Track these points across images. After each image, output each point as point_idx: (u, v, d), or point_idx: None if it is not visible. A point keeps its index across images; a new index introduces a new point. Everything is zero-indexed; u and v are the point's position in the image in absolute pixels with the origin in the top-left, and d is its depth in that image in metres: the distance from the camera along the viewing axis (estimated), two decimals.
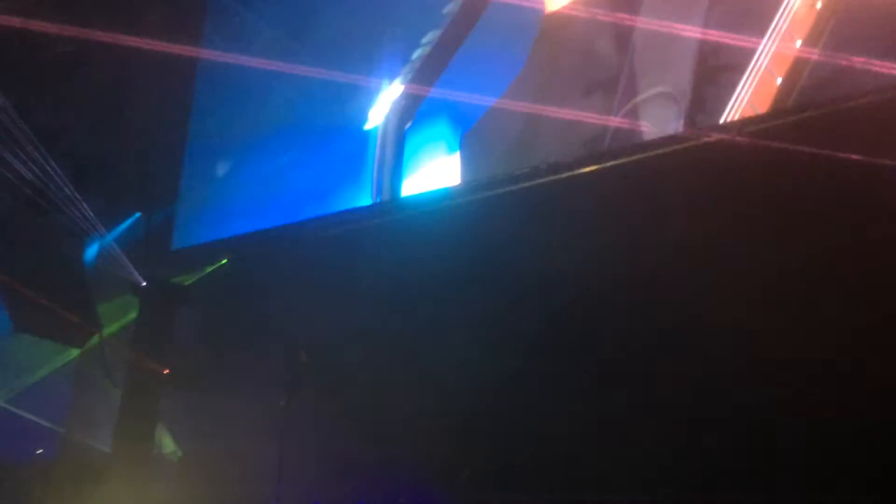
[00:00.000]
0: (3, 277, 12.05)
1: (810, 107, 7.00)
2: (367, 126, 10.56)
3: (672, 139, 7.76)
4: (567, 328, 8.27)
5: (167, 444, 11.64)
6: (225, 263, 12.04)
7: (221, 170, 12.24)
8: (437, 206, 9.75)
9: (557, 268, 8.32)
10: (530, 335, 8.46)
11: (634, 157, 7.98)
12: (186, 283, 12.24)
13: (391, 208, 10.21)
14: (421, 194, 10.03)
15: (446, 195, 9.70)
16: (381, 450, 8.77)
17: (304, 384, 7.84)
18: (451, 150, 9.85)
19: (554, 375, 8.21)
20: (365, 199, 10.45)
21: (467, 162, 9.61)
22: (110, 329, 12.43)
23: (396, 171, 10.23)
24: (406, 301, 9.45)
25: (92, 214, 11.54)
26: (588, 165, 8.46)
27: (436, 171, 9.93)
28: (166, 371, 11.45)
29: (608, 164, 8.11)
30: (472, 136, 9.65)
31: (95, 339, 11.94)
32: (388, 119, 10.30)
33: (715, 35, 7.63)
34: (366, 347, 9.45)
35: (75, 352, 13.17)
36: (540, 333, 8.40)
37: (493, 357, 8.59)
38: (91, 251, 12.39)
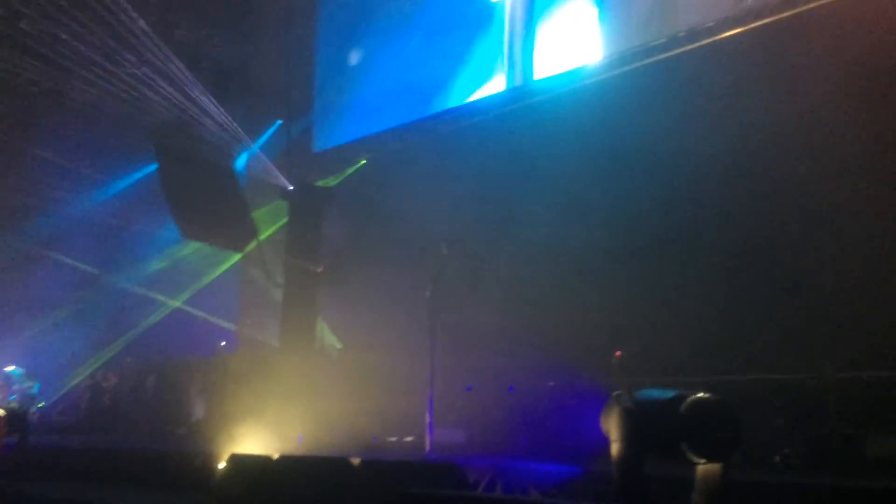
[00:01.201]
0: (170, 192, 12.99)
1: None
2: None
3: None
4: (709, 203, 7.90)
5: (327, 336, 12.36)
6: (364, 164, 12.35)
7: (354, 71, 12.36)
8: (571, 87, 9.40)
9: (696, 143, 7.89)
10: (674, 214, 8.16)
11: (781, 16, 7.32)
12: (331, 184, 12.69)
13: (524, 93, 9.97)
14: (554, 76, 9.69)
15: (581, 75, 9.33)
16: (527, 335, 8.88)
17: (448, 274, 7.96)
18: (584, 19, 9.40)
19: (696, 249, 7.93)
20: (497, 82, 10.29)
21: (604, 31, 9.17)
22: (266, 233, 13.21)
23: (528, 46, 9.93)
24: (545, 186, 9.32)
25: (238, 126, 12.08)
26: (731, 29, 7.84)
27: (570, 43, 9.53)
28: (320, 269, 12.03)
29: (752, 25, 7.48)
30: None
31: (254, 243, 12.69)
32: None
33: None
34: (507, 235, 9.47)
35: (237, 256, 14.18)
36: (683, 211, 8.07)
37: (636, 235, 8.38)
38: (241, 161, 13.05)
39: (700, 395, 4.05)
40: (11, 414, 11.43)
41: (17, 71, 12.46)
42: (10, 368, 14.30)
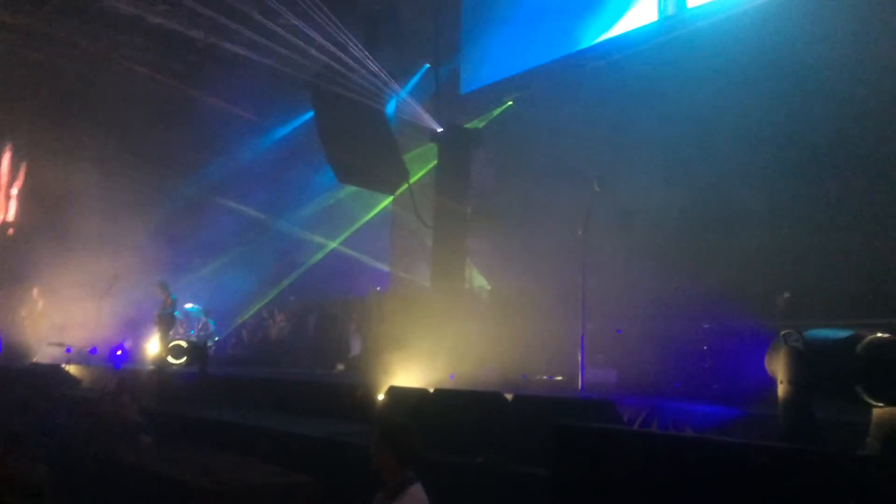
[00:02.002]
0: (325, 137, 13.49)
1: None
2: None
3: None
4: (890, 135, 7.22)
5: (476, 277, 12.52)
6: (511, 105, 12.24)
7: (499, 10, 12.19)
8: (730, 13, 8.82)
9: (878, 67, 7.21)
10: (849, 147, 7.54)
11: None
12: (479, 126, 12.70)
13: (679, 23, 9.46)
14: (710, 2, 9.13)
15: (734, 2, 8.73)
16: (681, 275, 8.60)
17: (598, 213, 7.79)
18: None
19: (875, 182, 7.31)
20: (649, 11, 9.82)
21: None
22: (417, 175, 13.46)
23: None
24: (701, 121, 8.86)
25: (388, 72, 12.29)
26: None
27: None
28: (469, 210, 12.13)
29: None
30: None
31: (405, 185, 12.98)
32: None
33: None
34: (662, 173, 9.11)
35: (389, 198, 14.59)
36: (860, 144, 7.45)
37: (805, 168, 7.84)
38: (392, 106, 13.31)
39: (879, 334, 3.77)
40: (192, 346, 12.52)
41: (184, 28, 13.27)
42: (189, 306, 15.65)
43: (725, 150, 8.53)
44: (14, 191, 17.45)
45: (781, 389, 4.07)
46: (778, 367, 4.11)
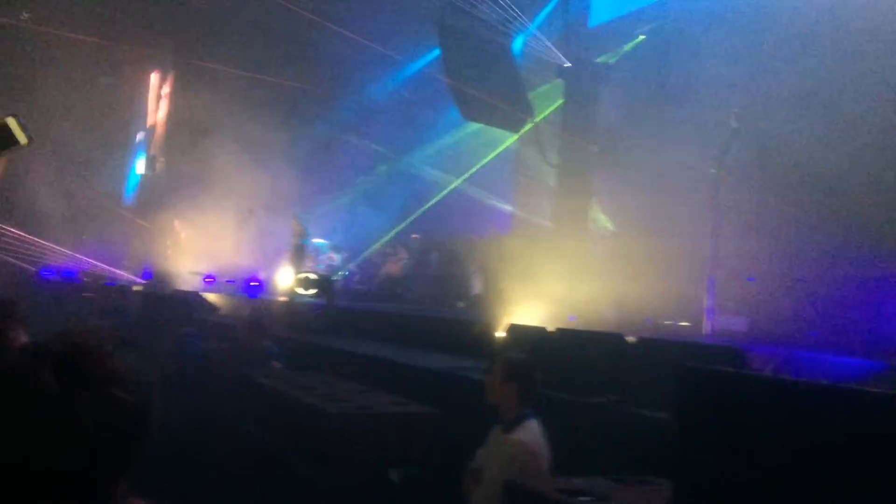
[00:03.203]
0: (451, 74, 13.40)
1: None
2: None
3: None
4: None
5: (601, 218, 12.25)
6: (643, 39, 11.68)
7: None
8: None
9: None
10: None
11: None
12: (609, 61, 12.22)
13: None
14: None
15: None
16: (819, 220, 8.05)
17: (734, 151, 7.34)
18: None
19: None
20: None
21: None
22: (542, 113, 13.17)
23: None
24: (851, 56, 8.14)
25: (514, 5, 11.96)
26: None
27: None
28: (595, 149, 11.79)
29: None
30: None
31: (529, 123, 12.75)
32: None
33: None
34: (804, 110, 8.47)
35: (513, 136, 14.40)
36: None
37: None
38: (518, 41, 13.00)
39: None
40: (320, 279, 12.99)
41: None
42: (317, 241, 16.22)
43: (876, 87, 7.81)
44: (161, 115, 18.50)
45: None
46: None
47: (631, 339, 5.54)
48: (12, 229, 13.92)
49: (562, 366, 5.11)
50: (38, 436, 1.01)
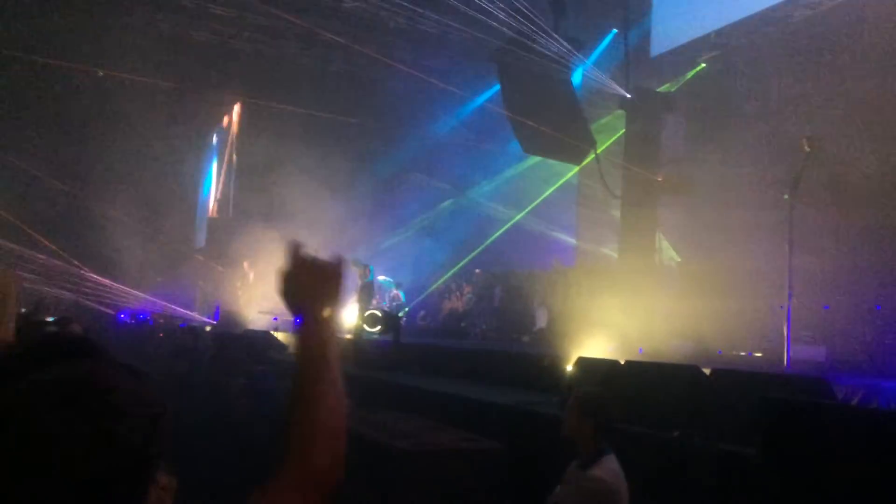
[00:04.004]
0: (512, 109, 13.48)
1: None
2: None
3: None
4: None
5: (666, 249, 12.02)
6: (704, 67, 11.55)
7: None
8: None
9: None
10: None
11: None
12: (671, 90, 12.11)
13: None
14: None
15: None
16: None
17: (806, 177, 7.10)
18: None
19: None
20: None
21: None
22: (604, 144, 13.09)
23: None
24: None
25: (573, 39, 11.99)
26: None
27: None
28: (659, 178, 11.62)
29: None
30: None
31: (591, 155, 12.68)
32: None
33: None
34: (875, 131, 8.20)
35: (575, 169, 14.33)
36: None
37: None
38: (578, 74, 13.00)
39: None
40: (385, 316, 13.06)
41: (374, 10, 13.72)
42: (382, 278, 16.37)
43: None
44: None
45: None
46: None
47: (706, 370, 5.39)
48: (93, 275, 14.49)
49: (634, 399, 4.99)
50: (33, 472, 0.98)
